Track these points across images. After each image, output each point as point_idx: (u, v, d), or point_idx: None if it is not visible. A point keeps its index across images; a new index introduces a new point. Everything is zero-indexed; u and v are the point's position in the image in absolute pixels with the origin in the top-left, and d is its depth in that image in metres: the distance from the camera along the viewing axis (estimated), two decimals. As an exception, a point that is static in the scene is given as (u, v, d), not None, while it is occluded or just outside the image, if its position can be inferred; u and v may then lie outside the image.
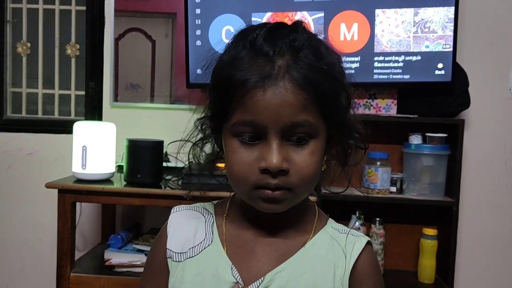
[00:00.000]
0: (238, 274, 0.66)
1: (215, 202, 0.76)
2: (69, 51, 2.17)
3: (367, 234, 1.85)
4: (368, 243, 0.70)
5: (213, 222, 0.72)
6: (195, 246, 0.70)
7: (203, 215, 0.73)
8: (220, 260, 0.67)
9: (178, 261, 0.69)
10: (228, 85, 0.62)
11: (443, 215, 1.83)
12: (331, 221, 0.74)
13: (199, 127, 0.70)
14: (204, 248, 0.69)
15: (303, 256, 0.67)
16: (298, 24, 0.65)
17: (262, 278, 0.66)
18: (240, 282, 0.66)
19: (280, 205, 0.63)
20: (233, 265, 0.67)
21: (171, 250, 0.70)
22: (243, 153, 0.62)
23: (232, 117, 0.62)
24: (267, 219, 0.68)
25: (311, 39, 0.64)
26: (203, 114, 0.70)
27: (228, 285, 0.66)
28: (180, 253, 0.70)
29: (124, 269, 1.64)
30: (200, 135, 0.71)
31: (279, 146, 0.61)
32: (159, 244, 0.72)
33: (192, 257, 0.69)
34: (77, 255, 1.75)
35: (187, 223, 0.72)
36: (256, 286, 0.65)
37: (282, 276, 0.66)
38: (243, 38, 0.64)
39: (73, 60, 2.18)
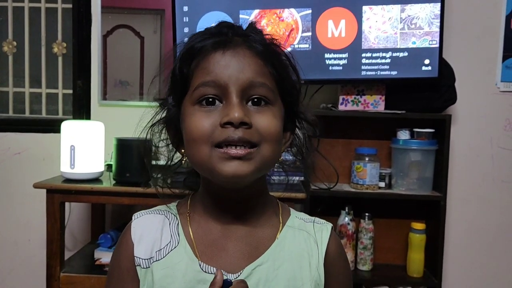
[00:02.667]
0: (211, 268, 0.66)
1: (176, 202, 0.75)
2: (55, 50, 2.15)
3: (357, 229, 1.87)
4: (332, 228, 0.74)
5: (178, 224, 0.71)
6: (161, 249, 0.68)
7: (166, 217, 0.72)
8: (188, 260, 0.67)
9: (146, 267, 0.68)
10: (187, 56, 0.66)
11: (431, 210, 1.85)
12: (294, 211, 0.75)
13: (159, 106, 0.72)
14: (171, 250, 0.68)
15: (278, 248, 0.69)
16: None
17: (241, 272, 0.66)
18: (214, 272, 0.65)
19: (246, 164, 0.61)
20: (201, 262, 0.66)
21: (139, 258, 0.69)
22: (203, 115, 0.63)
23: (193, 82, 0.65)
24: (231, 213, 0.68)
25: (262, 32, 0.69)
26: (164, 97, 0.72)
27: (199, 283, 0.65)
28: (148, 258, 0.68)
29: (115, 268, 1.64)
30: (158, 117, 0.72)
31: (240, 103, 0.62)
32: (124, 251, 0.70)
33: (159, 260, 0.68)
34: (67, 254, 1.74)
35: (152, 228, 0.71)
36: (235, 277, 0.65)
37: (262, 269, 0.66)
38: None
39: (60, 59, 2.16)
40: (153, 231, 0.70)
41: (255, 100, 0.63)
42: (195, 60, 0.65)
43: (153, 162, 0.78)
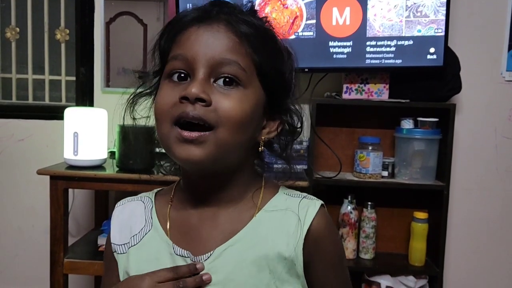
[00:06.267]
0: (182, 251, 0.66)
1: (158, 189, 0.76)
2: (58, 36, 2.15)
3: (359, 218, 1.87)
4: (322, 205, 0.68)
5: (152, 207, 0.72)
6: (136, 234, 0.70)
7: (143, 202, 0.73)
8: (162, 242, 0.68)
9: (122, 253, 0.70)
10: (167, 30, 0.66)
11: (434, 199, 1.85)
12: (283, 188, 0.72)
13: (139, 78, 0.74)
14: (145, 234, 0.69)
15: (252, 229, 0.66)
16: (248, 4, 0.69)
17: (211, 252, 0.65)
18: (186, 254, 0.65)
19: (199, 149, 0.60)
20: (174, 245, 0.67)
21: (115, 244, 0.71)
22: (169, 89, 0.63)
23: (168, 56, 0.65)
24: (206, 198, 0.68)
25: (258, 16, 0.67)
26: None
27: (172, 265, 0.66)
28: (124, 244, 0.70)
29: (118, 255, 1.65)
30: (140, 90, 0.73)
31: (204, 80, 0.61)
32: (108, 237, 0.74)
33: (135, 245, 0.69)
34: (71, 240, 1.75)
35: (129, 214, 0.73)
36: (204, 259, 0.65)
37: (233, 250, 0.65)
38: None
39: (63, 45, 2.15)
40: (130, 217, 0.72)
41: (227, 80, 0.61)
42: (174, 34, 0.65)
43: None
